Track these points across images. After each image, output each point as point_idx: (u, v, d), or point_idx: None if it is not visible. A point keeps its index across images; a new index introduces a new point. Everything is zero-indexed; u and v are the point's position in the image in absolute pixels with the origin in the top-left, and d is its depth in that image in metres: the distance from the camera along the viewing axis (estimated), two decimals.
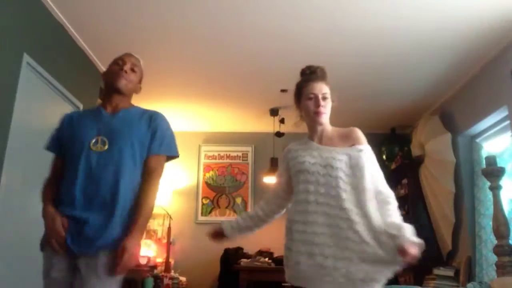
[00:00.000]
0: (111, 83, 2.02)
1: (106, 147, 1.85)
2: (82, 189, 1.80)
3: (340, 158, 1.77)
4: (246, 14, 3.21)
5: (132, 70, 2.07)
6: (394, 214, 1.71)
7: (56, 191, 1.94)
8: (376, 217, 1.68)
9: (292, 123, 2.05)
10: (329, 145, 1.86)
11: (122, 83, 2.01)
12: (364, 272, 1.60)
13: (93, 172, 1.80)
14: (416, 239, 1.59)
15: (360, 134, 1.88)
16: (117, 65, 2.06)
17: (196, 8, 3.14)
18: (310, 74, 1.95)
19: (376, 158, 1.82)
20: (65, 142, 1.96)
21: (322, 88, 1.88)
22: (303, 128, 2.01)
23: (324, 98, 1.87)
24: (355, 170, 1.75)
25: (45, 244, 1.87)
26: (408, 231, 1.61)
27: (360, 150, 1.80)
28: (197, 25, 3.37)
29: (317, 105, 1.85)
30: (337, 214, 1.69)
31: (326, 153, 1.82)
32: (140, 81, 2.15)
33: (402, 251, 1.55)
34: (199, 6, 3.12)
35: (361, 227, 1.64)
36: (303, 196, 1.78)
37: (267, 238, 4.44)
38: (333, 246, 1.65)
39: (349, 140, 1.85)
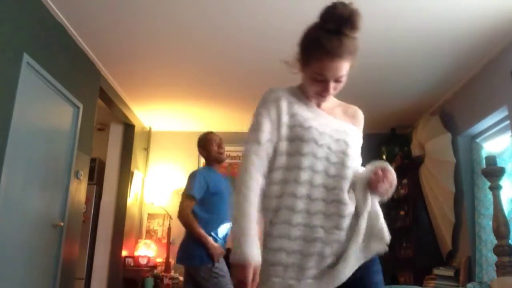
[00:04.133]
0: (218, 161, 3.23)
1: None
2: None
3: (352, 134, 1.42)
4: (246, 15, 3.21)
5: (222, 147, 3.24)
6: None
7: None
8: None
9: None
10: (332, 115, 1.46)
11: (223, 160, 3.28)
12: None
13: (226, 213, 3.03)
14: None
15: (363, 119, 1.55)
16: (219, 153, 3.21)
17: (197, 9, 3.14)
18: (333, 35, 1.28)
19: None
20: (210, 191, 3.05)
21: (339, 70, 1.31)
22: None
23: (338, 82, 1.35)
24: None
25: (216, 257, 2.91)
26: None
27: (361, 138, 1.50)
28: (199, 26, 3.36)
29: (324, 94, 1.37)
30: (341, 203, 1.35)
31: (335, 124, 1.42)
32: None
33: (376, 174, 1.33)
34: (200, 8, 3.12)
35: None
36: (306, 175, 1.32)
37: None
38: (347, 242, 1.32)
39: (353, 121, 1.50)
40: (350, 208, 1.33)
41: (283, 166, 1.35)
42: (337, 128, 1.40)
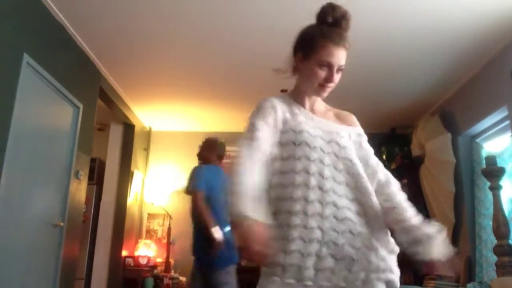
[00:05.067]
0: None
1: None
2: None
3: (344, 135, 1.44)
4: (245, 14, 3.21)
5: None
6: (405, 200, 1.43)
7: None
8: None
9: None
10: (325, 118, 1.49)
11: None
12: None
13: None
14: (448, 249, 1.31)
15: (357, 121, 1.55)
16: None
17: (196, 9, 3.14)
18: (333, 26, 1.42)
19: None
20: (210, 188, 3.06)
21: (343, 58, 1.42)
22: None
23: (339, 71, 1.44)
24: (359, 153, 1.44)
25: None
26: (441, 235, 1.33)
27: (360, 134, 1.50)
28: (199, 26, 3.36)
29: (330, 80, 1.42)
30: (346, 206, 1.34)
31: (326, 126, 1.45)
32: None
33: (428, 265, 1.33)
34: (200, 9, 3.12)
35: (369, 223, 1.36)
36: (301, 178, 1.34)
37: None
38: (345, 245, 1.31)
39: (346, 122, 1.52)
40: (345, 213, 1.33)
41: (278, 170, 1.38)
42: (329, 130, 1.42)
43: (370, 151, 1.50)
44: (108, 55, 3.93)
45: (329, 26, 1.42)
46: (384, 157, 5.29)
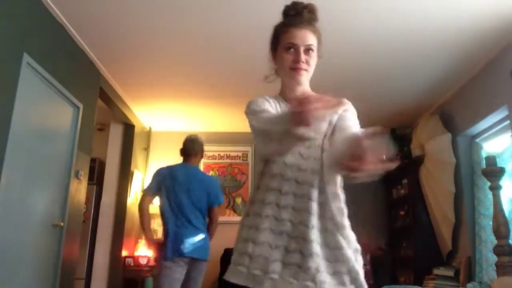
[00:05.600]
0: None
1: None
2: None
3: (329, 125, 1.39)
4: (245, 15, 3.21)
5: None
6: None
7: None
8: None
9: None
10: None
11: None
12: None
13: None
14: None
15: (350, 104, 1.46)
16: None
17: (195, 9, 3.14)
18: (293, 16, 1.45)
19: None
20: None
21: (307, 37, 1.41)
22: None
23: (308, 50, 1.41)
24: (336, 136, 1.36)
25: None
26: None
27: (346, 110, 1.43)
28: (197, 26, 3.36)
29: (297, 59, 1.40)
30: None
31: None
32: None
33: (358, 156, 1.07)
34: (199, 8, 3.12)
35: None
36: (277, 170, 1.35)
37: None
38: (313, 241, 1.29)
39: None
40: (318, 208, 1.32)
41: (259, 160, 1.44)
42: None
43: (351, 121, 1.41)
44: (108, 55, 3.93)
45: (292, 15, 1.46)
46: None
